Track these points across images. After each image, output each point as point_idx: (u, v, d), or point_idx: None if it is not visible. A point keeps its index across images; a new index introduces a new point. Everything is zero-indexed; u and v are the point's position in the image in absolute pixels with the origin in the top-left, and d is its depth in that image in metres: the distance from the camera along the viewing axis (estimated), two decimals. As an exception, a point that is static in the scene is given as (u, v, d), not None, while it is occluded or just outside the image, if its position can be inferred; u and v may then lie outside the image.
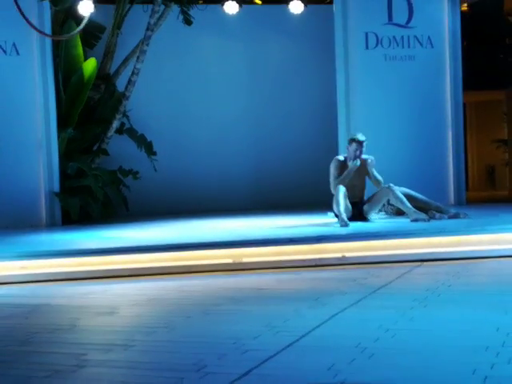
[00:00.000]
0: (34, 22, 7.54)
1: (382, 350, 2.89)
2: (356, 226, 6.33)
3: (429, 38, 8.53)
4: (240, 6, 9.04)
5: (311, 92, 9.61)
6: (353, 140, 6.90)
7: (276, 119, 9.60)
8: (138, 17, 8.69)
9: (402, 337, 3.10)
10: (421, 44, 8.52)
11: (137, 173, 8.61)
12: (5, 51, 7.88)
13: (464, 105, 8.71)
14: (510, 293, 4.05)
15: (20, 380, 2.68)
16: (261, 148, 9.59)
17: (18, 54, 7.90)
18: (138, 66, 8.34)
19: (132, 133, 8.85)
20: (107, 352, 3.06)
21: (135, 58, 8.47)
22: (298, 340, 3.11)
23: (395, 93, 8.48)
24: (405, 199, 6.69)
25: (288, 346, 3.02)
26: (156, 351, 3.10)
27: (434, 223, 6.30)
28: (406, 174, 8.07)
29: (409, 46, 8.49)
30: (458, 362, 2.69)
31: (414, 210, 6.61)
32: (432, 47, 8.53)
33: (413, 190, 7.09)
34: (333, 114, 8.68)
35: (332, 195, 6.80)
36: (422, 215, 6.51)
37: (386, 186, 6.78)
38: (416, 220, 6.47)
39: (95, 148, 8.64)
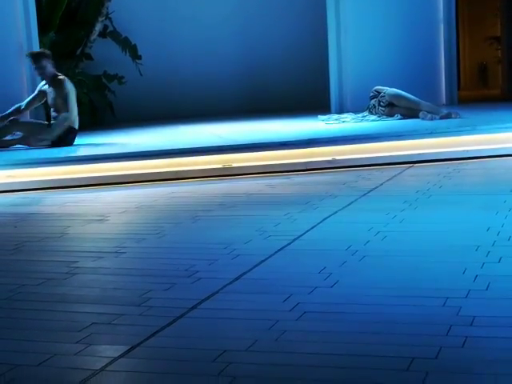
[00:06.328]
0: None
1: (373, 252, 2.92)
2: (346, 129, 6.25)
3: None
4: None
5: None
6: None
7: (265, 19, 9.24)
8: None
9: (393, 239, 3.11)
10: None
11: (122, 77, 8.42)
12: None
13: (456, -1, 8.30)
14: (501, 193, 4.04)
15: (12, 288, 2.69)
16: (249, 49, 9.30)
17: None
18: (119, -36, 7.96)
19: (116, 36, 8.60)
20: (98, 259, 3.07)
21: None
22: (289, 244, 3.13)
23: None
24: None
25: (279, 250, 3.04)
26: (147, 258, 3.12)
27: (425, 124, 6.23)
28: (396, 73, 7.79)
29: None
30: (448, 261, 2.72)
31: None
32: None
33: (403, 90, 6.94)
34: (322, 13, 8.34)
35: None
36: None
37: None
38: None
39: (78, 52, 8.40)
